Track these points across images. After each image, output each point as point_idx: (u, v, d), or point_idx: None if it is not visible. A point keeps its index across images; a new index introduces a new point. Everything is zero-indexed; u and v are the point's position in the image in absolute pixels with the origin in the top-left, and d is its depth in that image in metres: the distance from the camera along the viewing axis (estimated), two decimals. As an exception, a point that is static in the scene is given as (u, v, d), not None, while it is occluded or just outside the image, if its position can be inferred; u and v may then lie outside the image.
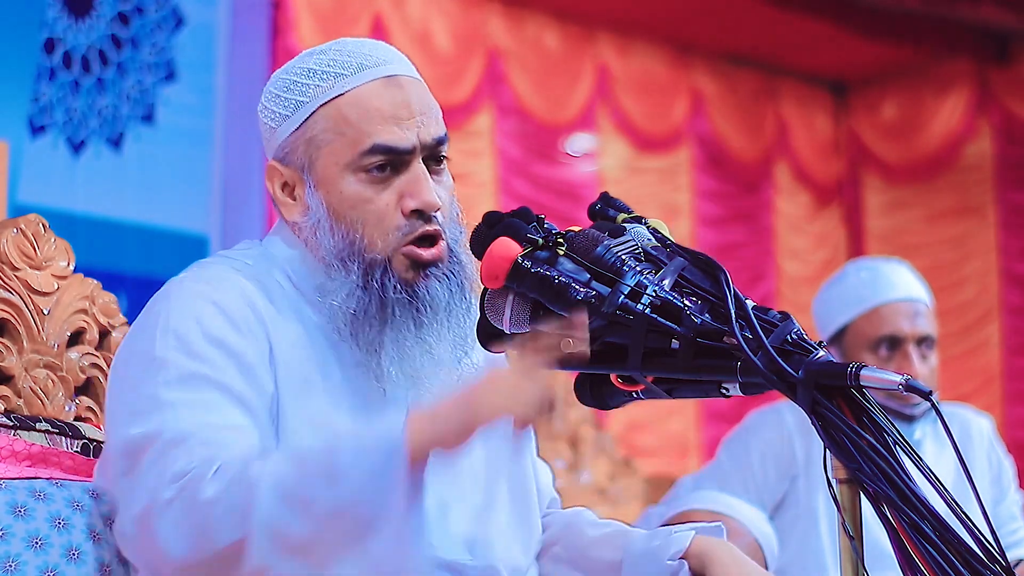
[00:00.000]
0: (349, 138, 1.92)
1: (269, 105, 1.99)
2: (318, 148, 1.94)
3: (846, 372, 1.63)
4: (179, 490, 1.73)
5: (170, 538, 1.74)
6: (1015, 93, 8.79)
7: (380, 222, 1.92)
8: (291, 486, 1.70)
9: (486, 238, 1.82)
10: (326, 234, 1.94)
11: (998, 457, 3.51)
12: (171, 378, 1.83)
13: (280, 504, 1.69)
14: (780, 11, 7.81)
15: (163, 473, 1.76)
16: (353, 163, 1.92)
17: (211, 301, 1.89)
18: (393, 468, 1.68)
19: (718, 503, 3.07)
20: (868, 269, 3.52)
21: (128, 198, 6.28)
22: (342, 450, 1.71)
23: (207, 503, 1.71)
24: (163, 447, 1.78)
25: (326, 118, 1.94)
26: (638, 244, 1.80)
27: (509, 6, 7.92)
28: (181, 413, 1.80)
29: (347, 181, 1.92)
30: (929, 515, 1.58)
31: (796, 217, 9.18)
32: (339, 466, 1.69)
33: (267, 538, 1.70)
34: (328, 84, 1.94)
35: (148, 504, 1.76)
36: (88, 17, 6.21)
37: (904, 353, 3.34)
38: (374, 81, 1.94)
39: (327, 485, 1.69)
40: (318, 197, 1.94)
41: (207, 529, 1.71)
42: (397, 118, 1.93)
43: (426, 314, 1.92)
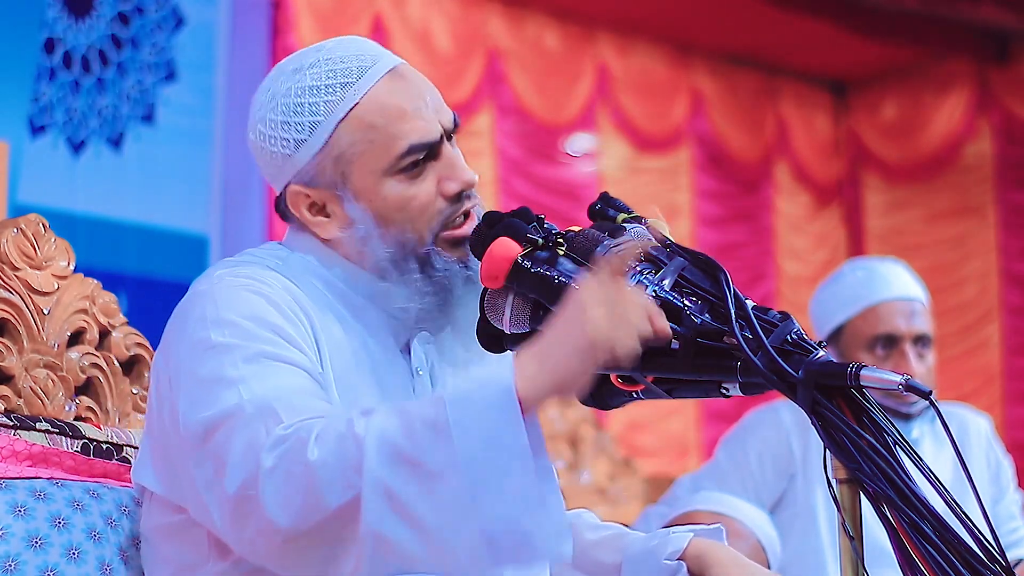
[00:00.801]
0: (381, 144, 1.90)
1: (276, 133, 1.94)
2: (350, 162, 1.91)
3: (846, 372, 1.63)
4: (280, 457, 1.67)
5: (278, 506, 1.67)
6: (1015, 93, 8.79)
7: (424, 213, 1.91)
8: (399, 443, 1.64)
9: (486, 238, 1.82)
10: (377, 242, 1.91)
11: (996, 456, 3.51)
12: (236, 359, 1.78)
13: (389, 462, 1.64)
14: (780, 11, 7.81)
15: (256, 444, 1.70)
16: (391, 167, 1.90)
17: (256, 292, 1.86)
18: (507, 418, 1.63)
19: (721, 504, 3.07)
20: (864, 268, 3.53)
21: (128, 198, 6.28)
22: (447, 402, 1.66)
23: (315, 465, 1.65)
24: (248, 419, 1.72)
25: (351, 130, 1.91)
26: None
27: (509, 6, 7.92)
28: (255, 385, 1.75)
29: (388, 185, 1.90)
30: (929, 515, 1.58)
31: (796, 217, 9.18)
32: (446, 420, 1.64)
33: (379, 497, 1.64)
34: (339, 96, 1.91)
35: (247, 478, 1.69)
36: (88, 17, 6.20)
37: (901, 352, 3.34)
38: (381, 80, 1.93)
39: (435, 440, 1.63)
40: (360, 208, 1.91)
41: (317, 491, 1.65)
42: (417, 110, 1.92)
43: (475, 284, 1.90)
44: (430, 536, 1.64)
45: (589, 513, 2.15)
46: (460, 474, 1.62)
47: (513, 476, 1.63)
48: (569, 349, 1.66)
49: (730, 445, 3.50)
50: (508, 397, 1.64)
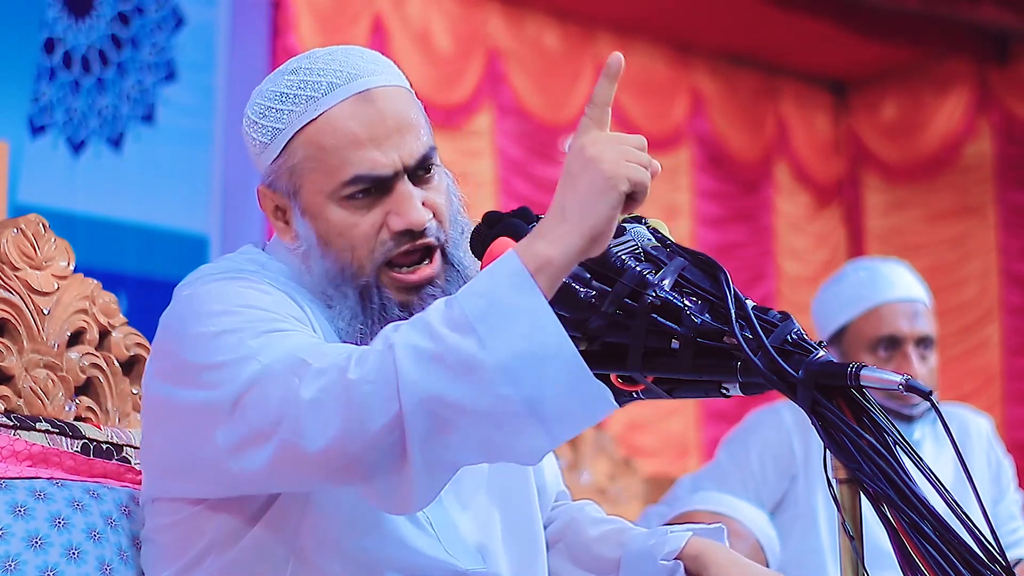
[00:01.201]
0: (329, 168, 1.87)
1: (249, 131, 1.95)
2: (300, 177, 1.90)
3: (846, 372, 1.63)
4: (321, 389, 1.64)
5: (317, 428, 1.64)
6: (1015, 93, 8.79)
7: (367, 243, 1.88)
8: (426, 348, 1.61)
9: (486, 238, 1.82)
10: (318, 260, 1.90)
11: (997, 457, 3.51)
12: (244, 337, 1.76)
13: (423, 366, 1.61)
14: (780, 11, 7.81)
15: (294, 384, 1.67)
16: (335, 193, 1.88)
17: (249, 286, 1.86)
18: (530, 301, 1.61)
19: (721, 504, 3.07)
20: (867, 269, 3.53)
21: (128, 198, 6.28)
22: (461, 299, 1.63)
23: (355, 383, 1.63)
24: (278, 374, 1.69)
25: (303, 146, 1.89)
26: (638, 244, 1.80)
27: (509, 6, 7.92)
28: (274, 351, 1.72)
29: (332, 210, 1.88)
30: (929, 515, 1.58)
31: (796, 217, 9.18)
32: (465, 313, 1.61)
33: (419, 405, 1.61)
34: (300, 108, 1.89)
35: (290, 415, 1.66)
36: (88, 17, 6.21)
37: (903, 353, 3.34)
38: (345, 101, 1.88)
39: (462, 335, 1.60)
40: (306, 224, 1.90)
41: (360, 410, 1.63)
42: (375, 140, 1.87)
43: None
44: (479, 420, 1.61)
45: (592, 505, 2.15)
46: (488, 355, 1.59)
47: (536, 332, 1.60)
48: (588, 193, 1.66)
49: (731, 445, 3.50)
50: (523, 278, 1.62)
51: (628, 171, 1.66)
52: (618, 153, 1.68)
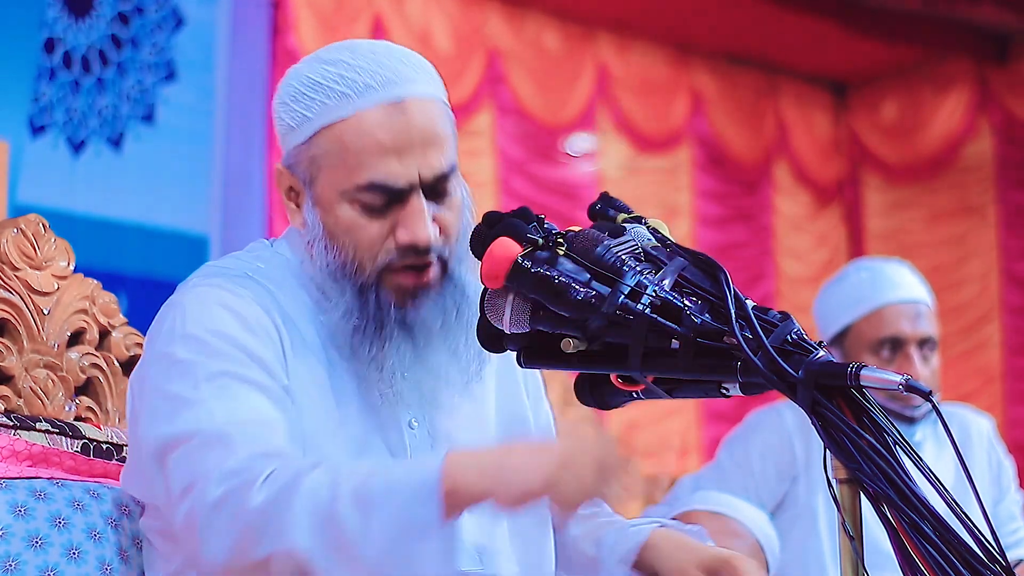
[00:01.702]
0: (347, 167, 1.89)
1: (279, 109, 1.96)
2: (319, 168, 1.92)
3: (846, 372, 1.63)
4: (227, 493, 1.71)
5: (214, 540, 1.71)
6: (1015, 93, 8.79)
7: (371, 247, 1.90)
8: (324, 508, 1.66)
9: (486, 238, 1.82)
10: (321, 251, 1.93)
11: (998, 457, 3.50)
12: (198, 378, 1.81)
13: (312, 527, 1.66)
14: (780, 11, 7.81)
15: (208, 471, 1.73)
16: (348, 193, 1.90)
17: (224, 305, 1.88)
18: (424, 515, 1.65)
19: (721, 504, 3.07)
20: (869, 270, 3.51)
21: (128, 198, 6.28)
22: (378, 475, 1.68)
23: (254, 512, 1.69)
24: (201, 444, 1.75)
25: (328, 141, 1.90)
26: (638, 244, 1.80)
27: (509, 6, 7.92)
28: (214, 409, 1.78)
29: (342, 208, 1.91)
30: (929, 515, 1.58)
31: (796, 217, 9.18)
32: (372, 500, 1.66)
33: (290, 556, 1.67)
34: (332, 103, 1.90)
35: (192, 505, 1.73)
36: (88, 17, 6.20)
37: (906, 355, 3.33)
38: (378, 107, 1.89)
39: (356, 513, 1.66)
40: (316, 215, 1.93)
41: (249, 538, 1.69)
42: (398, 150, 1.88)
43: (421, 337, 1.91)
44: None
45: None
46: (371, 551, 1.65)
47: (418, 566, 1.64)
48: (539, 471, 1.65)
49: (732, 446, 3.50)
50: (430, 491, 1.65)
51: (564, 493, 1.65)
52: (596, 472, 1.66)
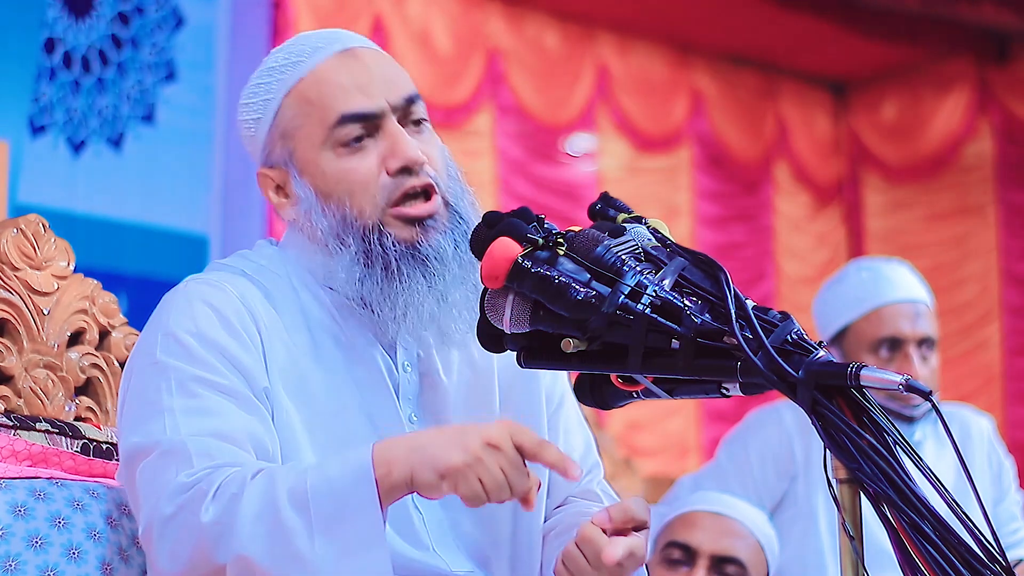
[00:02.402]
0: (317, 117, 1.92)
1: (243, 115, 2.00)
2: (292, 136, 1.94)
3: (846, 372, 1.63)
4: (179, 508, 1.73)
5: (167, 556, 1.74)
6: (1015, 93, 8.79)
7: (366, 188, 1.91)
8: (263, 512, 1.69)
9: (486, 238, 1.81)
10: (319, 216, 1.93)
11: (998, 457, 3.50)
12: (171, 384, 1.83)
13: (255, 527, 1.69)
14: (780, 11, 7.81)
15: (163, 486, 1.75)
16: (327, 140, 1.92)
17: (207, 304, 1.89)
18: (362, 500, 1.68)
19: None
20: (868, 269, 3.51)
21: (128, 198, 6.28)
22: (310, 474, 1.71)
23: (205, 525, 1.71)
24: (160, 457, 1.78)
25: (291, 105, 1.94)
26: (638, 244, 1.80)
27: (509, 6, 7.92)
28: (179, 420, 1.80)
29: (326, 159, 1.92)
30: (929, 515, 1.58)
31: (796, 217, 9.18)
32: (309, 496, 1.69)
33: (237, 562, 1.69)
34: (288, 74, 1.95)
35: (149, 518, 1.76)
36: (88, 17, 6.21)
37: (905, 355, 3.33)
38: (330, 58, 1.95)
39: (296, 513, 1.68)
40: (304, 183, 1.94)
41: (203, 551, 1.71)
42: (360, 86, 1.93)
43: (433, 266, 1.91)
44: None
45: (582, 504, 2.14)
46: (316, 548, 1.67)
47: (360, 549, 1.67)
48: (431, 459, 1.68)
49: (731, 445, 3.50)
50: (365, 476, 1.68)
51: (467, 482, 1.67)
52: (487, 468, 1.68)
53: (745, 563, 2.97)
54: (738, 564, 2.96)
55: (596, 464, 2.15)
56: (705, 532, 2.99)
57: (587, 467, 2.13)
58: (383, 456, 1.70)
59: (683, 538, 3.00)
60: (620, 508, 1.82)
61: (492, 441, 1.68)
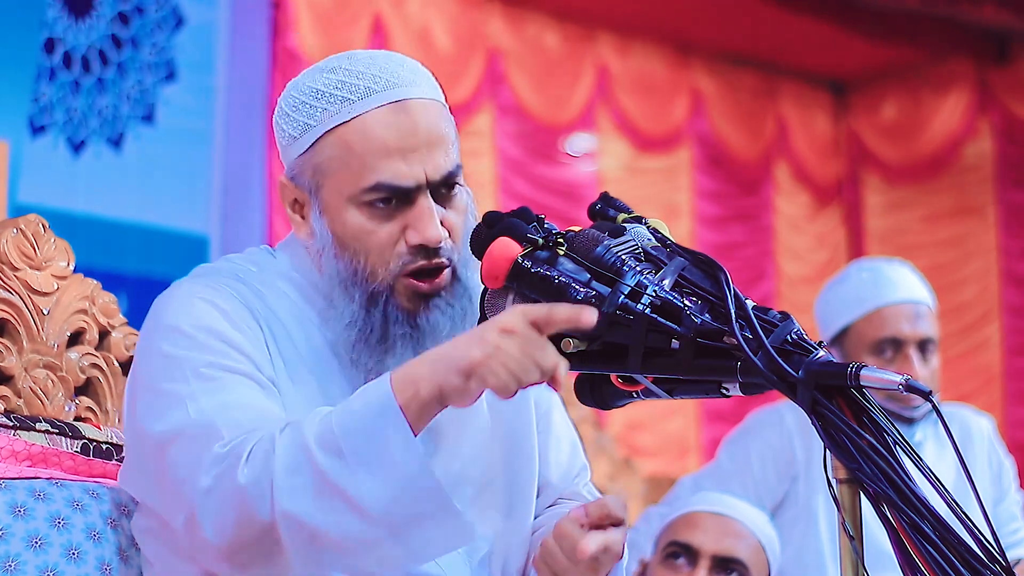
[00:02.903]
0: (353, 171, 1.89)
1: (280, 121, 1.97)
2: (324, 175, 1.91)
3: (846, 372, 1.63)
4: (217, 478, 1.74)
5: (213, 527, 1.74)
6: (1015, 93, 8.79)
7: (382, 253, 1.90)
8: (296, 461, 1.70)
9: (486, 238, 1.82)
10: (331, 260, 1.92)
11: (999, 457, 3.50)
12: (186, 373, 1.83)
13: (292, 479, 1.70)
14: (780, 11, 7.81)
15: (198, 463, 1.76)
16: (356, 197, 1.89)
17: (205, 300, 1.89)
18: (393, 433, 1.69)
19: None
20: (869, 270, 3.50)
21: (128, 198, 6.28)
22: (334, 416, 1.72)
23: (244, 487, 1.71)
24: (192, 438, 1.78)
25: (332, 146, 1.90)
26: (638, 244, 1.80)
27: (509, 6, 7.92)
28: (201, 402, 1.80)
29: (350, 213, 1.90)
30: (929, 515, 1.58)
31: (796, 217, 9.18)
32: (334, 432, 1.70)
33: (286, 518, 1.70)
34: (335, 109, 1.90)
35: (189, 498, 1.76)
36: (88, 17, 6.20)
37: (905, 356, 3.32)
38: (381, 108, 1.89)
39: (329, 456, 1.70)
40: (323, 223, 1.92)
41: (247, 510, 1.72)
42: (403, 151, 1.88)
43: (427, 345, 1.90)
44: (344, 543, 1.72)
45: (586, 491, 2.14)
46: (352, 483, 1.69)
47: (396, 463, 1.69)
48: (453, 362, 1.70)
49: (732, 446, 3.50)
50: (388, 400, 1.70)
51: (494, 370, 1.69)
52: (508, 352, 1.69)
53: (746, 563, 2.96)
54: (739, 564, 2.96)
55: (584, 467, 2.16)
56: (706, 533, 2.99)
57: (575, 470, 2.14)
58: (405, 379, 1.71)
59: (684, 538, 3.00)
60: (597, 504, 1.84)
61: (507, 327, 1.68)
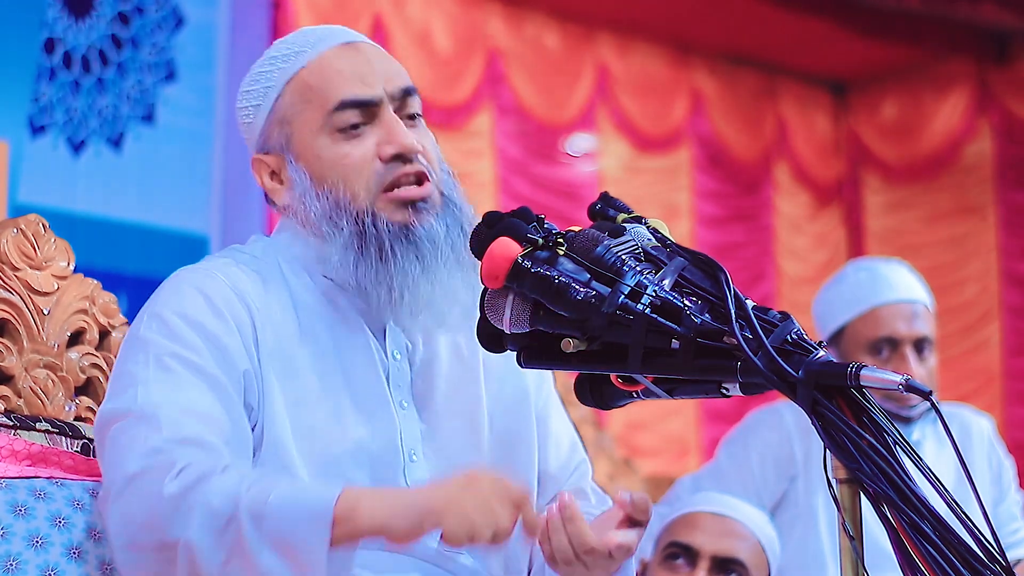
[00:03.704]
0: (316, 103, 1.96)
1: (242, 103, 2.04)
2: (291, 122, 1.98)
3: (846, 372, 1.63)
4: (143, 470, 1.76)
5: (122, 514, 1.77)
6: (1015, 93, 8.79)
7: (360, 173, 1.94)
8: (221, 521, 1.71)
9: (486, 238, 1.82)
10: (312, 200, 1.96)
11: (998, 457, 3.50)
12: (149, 357, 1.87)
13: (213, 531, 1.71)
14: (780, 11, 7.81)
15: (131, 447, 1.79)
16: (324, 125, 1.96)
17: (196, 288, 1.93)
18: (312, 538, 1.68)
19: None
20: (866, 270, 3.51)
21: (128, 198, 6.28)
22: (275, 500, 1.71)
23: (165, 498, 1.73)
24: (132, 422, 1.81)
25: (292, 92, 1.98)
26: (638, 244, 1.80)
27: (509, 6, 7.92)
28: (152, 389, 1.83)
29: (322, 144, 1.96)
30: (929, 515, 1.58)
31: (796, 217, 9.18)
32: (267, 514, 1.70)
33: (186, 554, 1.72)
34: (290, 63, 1.99)
35: (112, 477, 1.80)
36: (88, 17, 6.21)
37: (901, 355, 3.32)
38: (333, 48, 2.00)
39: (256, 529, 1.70)
40: (299, 168, 1.97)
41: (156, 523, 1.74)
42: (360, 75, 1.97)
43: (426, 248, 1.93)
44: None
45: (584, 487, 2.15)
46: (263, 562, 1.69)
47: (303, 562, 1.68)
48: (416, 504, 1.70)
49: (731, 446, 3.50)
50: (322, 514, 1.69)
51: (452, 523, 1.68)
52: (472, 511, 1.69)
53: (746, 564, 2.96)
54: (739, 565, 2.96)
55: (583, 461, 2.17)
56: (706, 533, 2.99)
57: (574, 464, 2.14)
58: (350, 501, 1.70)
59: (684, 539, 3.00)
60: (643, 498, 1.87)
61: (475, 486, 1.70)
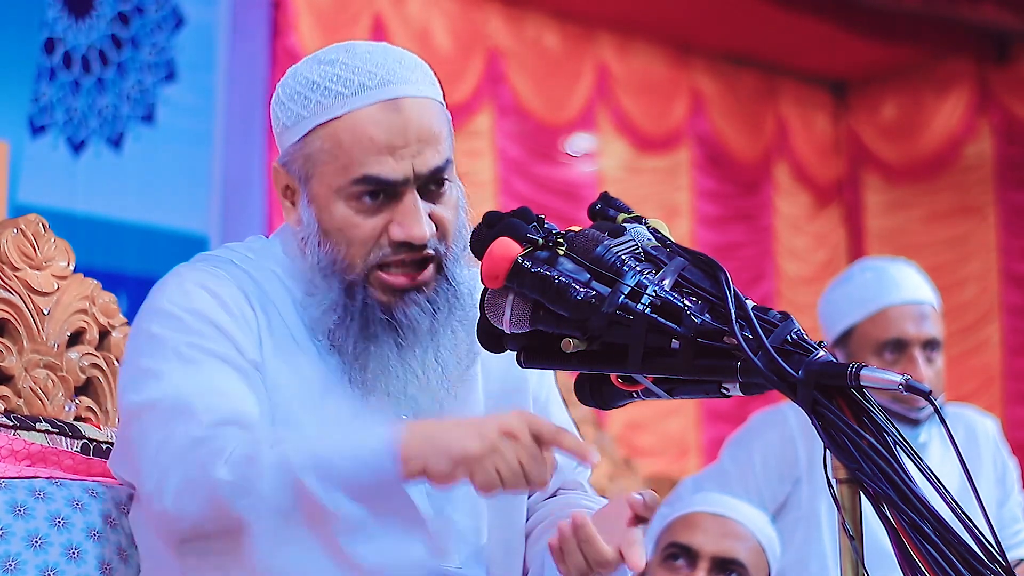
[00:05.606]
0: (341, 164, 1.90)
1: (276, 108, 1.99)
2: (314, 166, 1.93)
3: (846, 372, 1.63)
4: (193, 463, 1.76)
5: (177, 502, 1.76)
6: (1015, 93, 8.79)
7: (364, 245, 1.92)
8: (293, 479, 1.72)
9: (486, 238, 1.82)
10: (314, 249, 1.95)
11: (1003, 458, 3.49)
12: (167, 350, 1.87)
13: (281, 492, 1.72)
14: (780, 11, 7.81)
15: (171, 436, 1.78)
16: (343, 189, 1.91)
17: (200, 285, 1.93)
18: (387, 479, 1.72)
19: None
20: (873, 270, 3.47)
21: (128, 198, 6.28)
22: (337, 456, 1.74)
23: (221, 483, 1.73)
24: (164, 412, 1.81)
25: (323, 139, 1.92)
26: (638, 244, 1.80)
27: (509, 6, 7.92)
28: (178, 379, 1.83)
29: (337, 205, 1.92)
30: (929, 515, 1.58)
31: (796, 217, 9.18)
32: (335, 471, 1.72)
33: (268, 521, 1.72)
34: (328, 102, 1.92)
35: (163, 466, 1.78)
36: (88, 17, 6.20)
37: (910, 357, 3.29)
38: (373, 105, 1.91)
39: (327, 487, 1.71)
40: (311, 212, 1.94)
41: (217, 506, 1.74)
42: (392, 147, 1.89)
43: (406, 338, 1.92)
44: None
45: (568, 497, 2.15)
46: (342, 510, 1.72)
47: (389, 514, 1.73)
48: (446, 449, 1.71)
49: (734, 447, 3.48)
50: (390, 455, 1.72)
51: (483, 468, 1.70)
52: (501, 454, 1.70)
53: (746, 564, 2.96)
54: (739, 566, 2.96)
55: (576, 482, 2.17)
56: (706, 534, 2.99)
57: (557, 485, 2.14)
58: (409, 450, 1.72)
59: (684, 539, 3.00)
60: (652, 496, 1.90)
61: (509, 430, 1.69)
